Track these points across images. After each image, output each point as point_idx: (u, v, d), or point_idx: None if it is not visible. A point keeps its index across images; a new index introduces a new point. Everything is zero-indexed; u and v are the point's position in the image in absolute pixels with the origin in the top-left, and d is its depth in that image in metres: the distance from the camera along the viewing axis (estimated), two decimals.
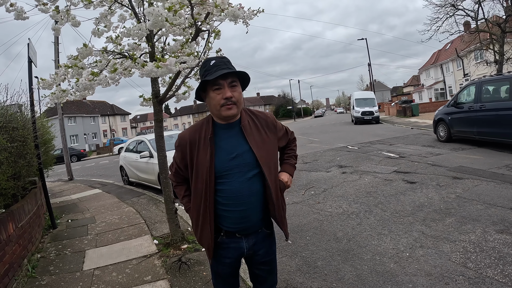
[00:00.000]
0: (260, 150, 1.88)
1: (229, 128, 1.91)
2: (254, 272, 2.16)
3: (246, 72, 1.85)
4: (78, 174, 16.98)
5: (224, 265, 2.03)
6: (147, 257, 4.33)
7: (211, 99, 1.82)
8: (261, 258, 2.07)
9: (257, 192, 1.89)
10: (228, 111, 1.80)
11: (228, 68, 1.80)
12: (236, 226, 1.92)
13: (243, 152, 1.86)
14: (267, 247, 2.08)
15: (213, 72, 1.77)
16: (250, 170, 1.86)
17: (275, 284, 2.24)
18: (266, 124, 2.00)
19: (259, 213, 1.95)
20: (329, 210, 5.53)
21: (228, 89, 1.79)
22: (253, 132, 1.91)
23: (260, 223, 1.99)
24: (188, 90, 4.77)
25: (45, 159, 8.43)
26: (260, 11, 4.07)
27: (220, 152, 1.86)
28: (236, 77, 1.84)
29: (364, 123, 25.57)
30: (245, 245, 1.98)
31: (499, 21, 19.16)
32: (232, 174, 1.84)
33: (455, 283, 3.06)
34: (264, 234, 2.04)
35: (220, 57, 1.90)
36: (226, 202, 1.87)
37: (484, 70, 25.36)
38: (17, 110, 5.72)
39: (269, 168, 1.90)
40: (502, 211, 4.58)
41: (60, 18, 3.55)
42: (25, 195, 5.08)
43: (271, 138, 1.99)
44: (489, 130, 9.13)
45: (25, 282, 3.84)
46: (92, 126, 58.41)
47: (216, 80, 1.77)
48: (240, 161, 1.85)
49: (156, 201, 7.62)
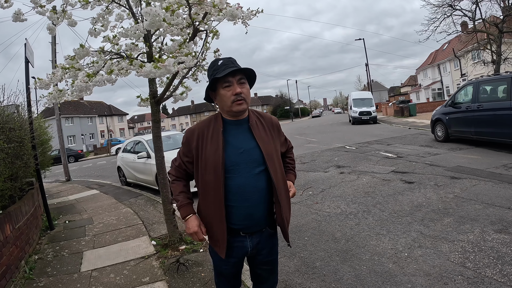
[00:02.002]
0: (267, 148, 1.93)
1: (237, 125, 1.97)
2: (255, 271, 2.18)
3: (252, 69, 1.92)
4: (76, 175, 16.94)
5: (228, 265, 2.04)
6: (145, 258, 4.31)
7: (222, 96, 1.89)
8: (264, 258, 2.08)
9: (262, 189, 1.92)
10: (239, 106, 1.87)
11: (236, 66, 1.87)
12: (240, 223, 1.93)
13: (250, 148, 1.91)
14: (270, 247, 2.10)
15: (221, 71, 1.84)
16: (256, 166, 1.90)
17: (276, 284, 2.26)
18: (272, 125, 2.08)
19: (264, 210, 1.96)
20: (327, 210, 5.52)
21: (238, 86, 1.87)
22: (260, 130, 1.98)
23: (264, 222, 2.00)
24: (186, 90, 4.76)
25: (42, 160, 8.37)
26: (259, 12, 4.05)
27: (228, 147, 1.90)
28: (243, 75, 1.91)
29: (362, 123, 25.59)
30: (249, 244, 2.00)
31: (496, 21, 19.25)
32: (239, 169, 1.87)
33: (454, 283, 3.06)
34: (268, 233, 2.06)
35: (227, 57, 1.97)
36: (232, 197, 1.89)
37: (481, 70, 25.44)
38: (14, 110, 5.69)
39: (274, 166, 1.94)
40: (500, 211, 4.59)
41: (57, 18, 3.53)
42: (22, 196, 5.05)
43: (275, 139, 2.06)
44: (487, 130, 9.15)
45: (22, 284, 3.81)
46: (90, 127, 58.28)
47: (226, 78, 1.84)
48: (247, 156, 1.89)
49: (153, 202, 7.60)
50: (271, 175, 1.90)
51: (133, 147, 10.13)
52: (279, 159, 2.05)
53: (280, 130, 2.17)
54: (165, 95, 4.26)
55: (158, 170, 4.55)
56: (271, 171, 1.90)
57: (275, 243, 2.14)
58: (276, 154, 2.01)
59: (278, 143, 2.10)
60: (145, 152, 8.77)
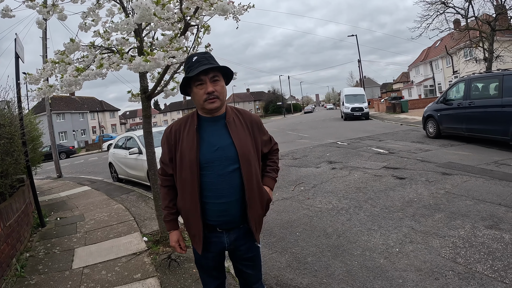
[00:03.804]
0: (242, 146, 1.91)
1: (213, 122, 1.96)
2: (237, 267, 2.18)
3: (227, 66, 1.90)
4: (67, 171, 16.80)
5: (207, 259, 2.07)
6: (136, 255, 4.29)
7: (195, 94, 1.90)
8: (244, 254, 2.08)
9: (237, 186, 1.90)
10: (211, 104, 1.87)
11: (210, 64, 1.85)
12: (216, 219, 1.93)
13: (225, 146, 1.89)
14: (249, 244, 2.06)
15: (195, 68, 1.83)
16: (230, 164, 1.88)
17: (260, 280, 2.24)
18: (251, 123, 2.05)
19: (238, 207, 1.94)
20: (318, 206, 5.54)
21: (210, 84, 1.85)
22: (237, 128, 1.96)
23: (240, 219, 1.98)
24: (177, 85, 4.72)
25: (33, 156, 8.28)
26: (250, 7, 4.04)
27: (203, 144, 1.90)
28: (218, 72, 1.90)
29: (354, 119, 25.68)
30: (226, 240, 2.00)
31: (489, 19, 19.38)
32: (213, 166, 1.87)
33: (445, 278, 3.08)
34: (245, 230, 2.03)
35: (203, 52, 1.96)
36: (207, 194, 1.89)
37: (473, 67, 25.69)
38: (4, 106, 5.62)
39: (248, 165, 1.91)
40: (491, 207, 4.63)
41: (46, 12, 3.48)
42: (12, 193, 4.99)
43: (254, 137, 2.02)
44: (478, 127, 9.23)
45: (14, 281, 3.77)
46: (81, 123, 57.81)
47: (198, 76, 1.83)
48: (221, 154, 1.88)
49: (145, 197, 7.56)
50: (242, 174, 1.89)
51: (125, 143, 10.05)
52: (256, 158, 2.01)
53: (262, 129, 2.13)
54: (156, 90, 4.22)
55: (149, 166, 4.52)
56: (243, 170, 1.88)
57: (254, 240, 2.09)
58: (253, 152, 1.98)
59: (259, 141, 2.07)
60: (136, 148, 8.70)
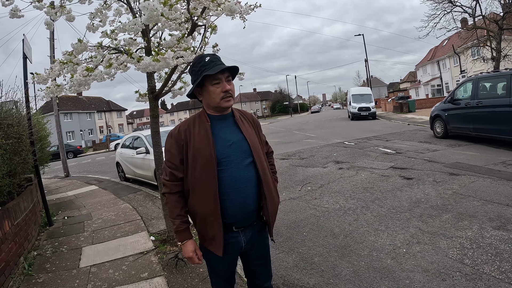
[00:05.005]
0: (253, 140, 1.99)
1: (223, 119, 2.02)
2: (249, 267, 2.18)
3: (237, 66, 1.97)
4: (74, 171, 16.93)
5: (223, 262, 2.03)
6: (143, 254, 4.31)
7: (211, 93, 1.91)
8: (257, 252, 2.10)
9: (253, 179, 1.95)
10: (228, 102, 1.93)
11: (223, 64, 1.93)
12: (234, 216, 1.93)
13: (238, 140, 1.96)
14: (262, 241, 2.12)
15: (210, 67, 1.87)
16: (245, 157, 1.94)
17: (271, 278, 2.26)
18: (253, 122, 2.15)
19: (255, 201, 1.98)
20: (325, 206, 5.53)
21: (226, 83, 1.91)
22: (245, 125, 2.05)
23: (255, 214, 2.01)
24: (184, 85, 4.74)
25: (40, 155, 8.35)
26: (257, 6, 4.05)
27: (217, 140, 1.92)
28: (230, 72, 1.96)
29: (361, 119, 25.55)
30: (243, 239, 2.00)
31: (496, 18, 19.17)
32: (229, 161, 1.90)
33: (452, 279, 3.06)
34: (258, 227, 2.07)
35: (212, 54, 2.02)
36: (225, 190, 1.89)
37: (481, 66, 25.42)
38: (12, 106, 5.67)
39: (260, 158, 2.00)
40: (499, 208, 4.59)
41: (54, 13, 3.50)
42: (20, 193, 5.05)
43: (258, 135, 2.12)
44: (486, 127, 9.15)
45: (21, 280, 3.81)
46: (88, 122, 58.15)
47: (216, 75, 1.87)
48: (236, 148, 1.93)
49: (152, 197, 7.60)
50: (257, 167, 1.95)
51: (132, 143, 10.10)
52: (264, 153, 2.12)
53: (261, 131, 2.21)
54: (163, 90, 4.23)
55: (157, 165, 4.54)
56: (257, 163, 1.95)
57: (266, 236, 2.16)
58: (261, 147, 2.08)
59: (261, 140, 2.16)
60: (143, 148, 8.73)
